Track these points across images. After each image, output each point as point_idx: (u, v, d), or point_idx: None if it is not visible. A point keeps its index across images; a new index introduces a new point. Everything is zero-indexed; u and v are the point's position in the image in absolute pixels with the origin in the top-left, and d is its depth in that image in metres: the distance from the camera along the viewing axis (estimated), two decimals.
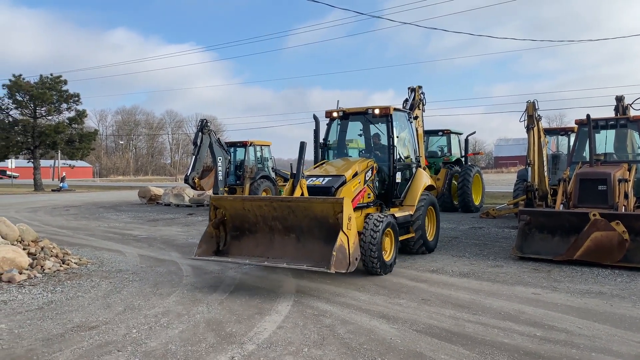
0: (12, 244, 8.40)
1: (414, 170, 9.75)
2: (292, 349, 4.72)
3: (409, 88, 11.82)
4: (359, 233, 7.37)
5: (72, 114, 41.38)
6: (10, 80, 38.88)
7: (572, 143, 13.80)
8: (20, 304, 6.37)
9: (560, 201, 9.75)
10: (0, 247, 7.97)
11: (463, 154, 19.75)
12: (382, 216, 7.74)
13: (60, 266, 8.47)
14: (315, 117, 8.96)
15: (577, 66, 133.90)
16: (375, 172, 8.65)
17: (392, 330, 5.22)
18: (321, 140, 9.54)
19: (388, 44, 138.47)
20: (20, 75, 39.32)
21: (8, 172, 66.34)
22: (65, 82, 40.94)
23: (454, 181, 18.19)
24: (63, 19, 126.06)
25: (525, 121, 10.75)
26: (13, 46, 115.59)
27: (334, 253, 6.14)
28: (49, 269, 8.21)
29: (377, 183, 8.83)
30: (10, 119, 39.80)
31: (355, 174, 8.15)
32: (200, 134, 19.12)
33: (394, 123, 9.06)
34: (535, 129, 10.77)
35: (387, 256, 7.87)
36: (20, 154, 43.03)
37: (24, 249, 8.44)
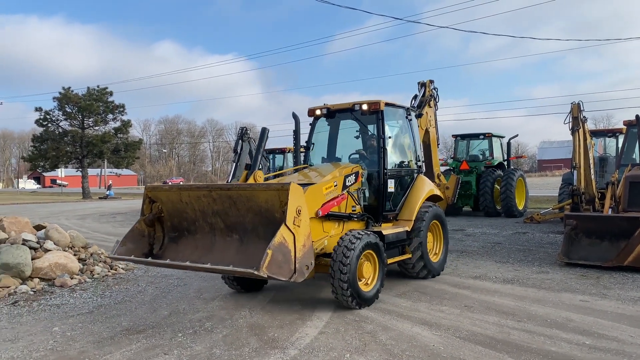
0: (64, 250, 8.75)
1: (413, 177, 8.17)
2: (334, 354, 4.74)
3: (418, 83, 10.67)
4: (332, 255, 6.06)
5: (118, 124, 42.86)
6: (60, 93, 40.63)
7: (620, 145, 13.34)
8: (72, 307, 6.62)
9: (608, 205, 9.43)
10: (53, 253, 8.33)
11: (505, 158, 19.35)
12: (362, 233, 6.28)
13: (109, 271, 8.78)
14: (294, 116, 7.73)
15: (624, 66, 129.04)
16: (361, 178, 7.17)
17: (435, 337, 5.16)
18: (304, 142, 8.28)
19: (426, 49, 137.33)
20: (70, 87, 41.05)
21: (58, 181, 69.27)
22: (111, 94, 42.45)
23: (496, 185, 17.84)
24: (112, 34, 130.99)
25: (570, 123, 10.46)
26: (65, 60, 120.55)
27: (269, 251, 4.82)
28: (97, 274, 8.52)
29: (365, 193, 7.40)
30: (60, 130, 41.55)
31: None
32: (240, 141, 19.39)
33: (386, 121, 7.63)
34: (581, 130, 10.46)
35: (367, 285, 6.34)
36: (70, 163, 44.82)
37: (74, 255, 8.78)
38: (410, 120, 8.29)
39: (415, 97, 10.28)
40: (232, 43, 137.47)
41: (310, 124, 8.49)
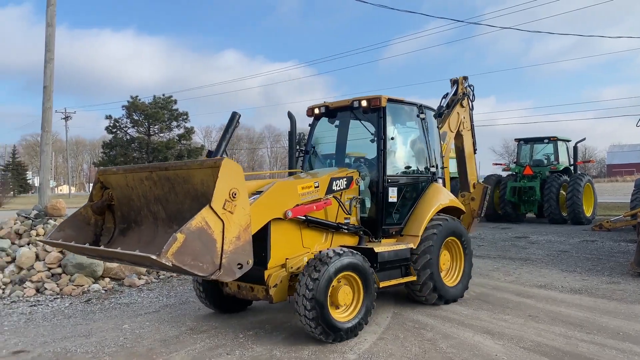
0: None
1: (425, 185, 7.03)
2: None
3: (450, 80, 9.33)
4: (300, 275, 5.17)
5: (181, 131, 44.44)
6: (128, 102, 42.71)
7: None
8: (140, 306, 6.93)
9: None
10: None
11: (572, 163, 18.57)
12: (342, 251, 5.29)
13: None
14: (290, 115, 7.01)
15: None
16: (355, 185, 6.24)
17: (497, 347, 5.03)
18: (298, 145, 7.39)
19: (487, 51, 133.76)
20: (137, 96, 43.08)
21: None
22: (175, 102, 44.12)
23: (562, 191, 17.13)
24: (178, 45, 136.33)
25: None
26: (134, 70, 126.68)
27: (180, 236, 3.90)
28: (163, 274, 8.87)
29: (365, 203, 6.50)
30: (128, 137, 43.56)
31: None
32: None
33: (391, 120, 6.74)
34: None
35: (344, 315, 5.32)
36: None
37: None
38: (424, 119, 7.12)
39: (445, 95, 9.04)
40: (292, 51, 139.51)
41: (310, 125, 7.58)
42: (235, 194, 4.34)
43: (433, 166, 7.11)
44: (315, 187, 5.79)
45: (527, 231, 15.35)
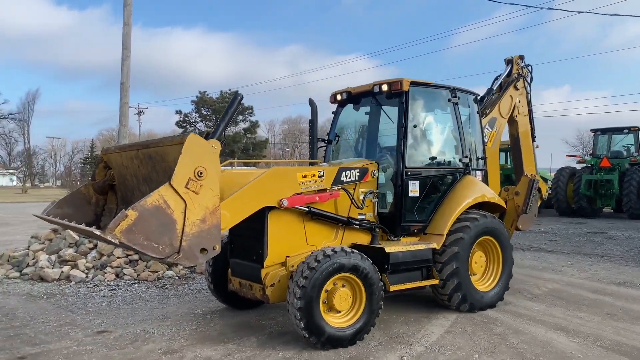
0: None
1: (454, 178, 6.32)
2: (461, 354, 4.65)
3: (505, 60, 8.25)
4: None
5: (247, 124, 45.53)
6: (196, 97, 44.25)
7: None
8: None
9: None
10: None
11: None
12: (337, 250, 4.81)
13: None
14: (310, 102, 6.60)
15: None
16: (370, 177, 5.70)
17: (573, 345, 4.84)
18: (320, 135, 6.87)
19: (560, 38, 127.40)
20: (205, 92, 44.64)
21: None
22: (242, 97, 45.19)
23: None
24: (244, 41, 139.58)
25: None
26: (202, 66, 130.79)
27: (132, 213, 3.70)
28: None
29: (386, 197, 6.02)
30: (197, 131, 45.11)
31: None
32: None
33: (417, 105, 6.14)
34: None
35: (343, 320, 4.88)
36: None
37: None
38: (457, 104, 6.36)
39: (497, 77, 7.99)
40: (356, 43, 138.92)
41: (334, 112, 7.07)
42: (201, 173, 4.05)
43: (467, 156, 6.36)
44: (320, 177, 5.32)
45: (604, 226, 14.59)
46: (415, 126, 6.04)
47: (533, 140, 8.32)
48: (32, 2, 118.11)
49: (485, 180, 6.76)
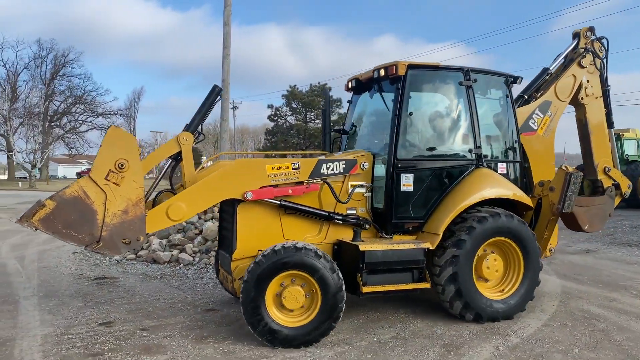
0: None
1: (462, 172, 5.59)
2: (560, 347, 4.57)
3: (573, 33, 6.96)
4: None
5: (335, 117, 45.97)
6: (287, 91, 45.38)
7: None
8: None
9: None
10: None
11: None
12: (290, 247, 4.57)
13: None
14: (324, 91, 6.22)
15: None
16: (357, 169, 5.31)
17: None
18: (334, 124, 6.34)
19: None
20: (295, 85, 45.58)
21: None
22: (330, 89, 45.76)
23: None
24: (336, 33, 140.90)
25: None
26: (293, 60, 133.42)
27: (49, 202, 4.03)
28: None
29: (379, 192, 5.48)
30: (288, 124, 46.36)
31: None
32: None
33: (412, 90, 5.50)
34: None
35: (295, 320, 4.63)
36: (295, 154, 49.86)
37: None
38: (470, 87, 5.63)
39: (559, 55, 6.86)
40: (450, 30, 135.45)
41: (349, 101, 6.63)
42: (122, 165, 4.18)
43: (479, 147, 5.62)
44: (294, 169, 5.07)
45: None
46: (410, 114, 5.45)
47: (610, 127, 7.05)
48: (141, 6, 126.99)
49: (519, 173, 6.02)
